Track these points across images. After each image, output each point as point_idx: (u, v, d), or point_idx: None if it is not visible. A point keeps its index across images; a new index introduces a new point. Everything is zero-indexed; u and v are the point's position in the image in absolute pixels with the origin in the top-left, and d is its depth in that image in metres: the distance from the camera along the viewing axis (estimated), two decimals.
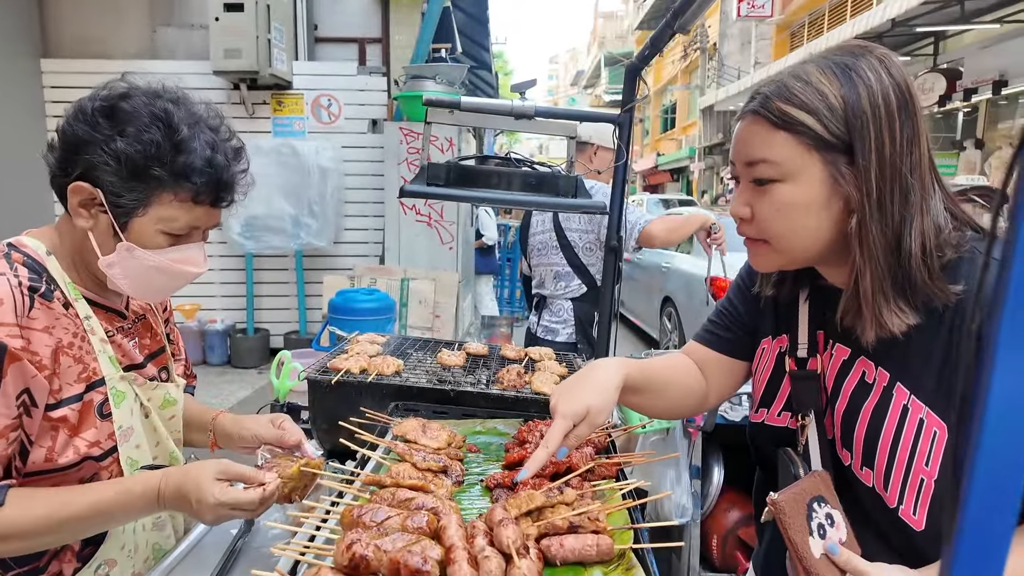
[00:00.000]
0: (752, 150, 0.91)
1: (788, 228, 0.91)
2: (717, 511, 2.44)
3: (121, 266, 1.10)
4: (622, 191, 1.73)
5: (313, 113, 5.81)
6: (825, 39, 13.15)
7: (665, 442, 2.39)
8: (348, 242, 5.95)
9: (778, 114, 0.87)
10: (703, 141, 23.50)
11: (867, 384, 0.94)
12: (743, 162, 0.93)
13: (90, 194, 1.06)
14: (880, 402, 0.92)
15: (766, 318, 1.14)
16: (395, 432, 1.29)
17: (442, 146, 5.10)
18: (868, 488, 0.93)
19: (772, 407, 1.08)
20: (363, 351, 1.67)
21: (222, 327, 5.84)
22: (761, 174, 0.90)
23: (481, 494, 1.17)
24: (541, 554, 0.92)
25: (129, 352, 1.22)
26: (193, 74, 5.57)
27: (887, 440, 0.90)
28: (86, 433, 1.09)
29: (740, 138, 0.94)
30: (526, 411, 1.51)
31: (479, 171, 1.57)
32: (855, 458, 0.94)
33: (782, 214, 0.90)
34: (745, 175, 0.94)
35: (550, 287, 3.00)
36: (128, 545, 1.22)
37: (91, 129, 1.04)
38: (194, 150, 1.07)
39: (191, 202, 1.10)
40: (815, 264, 0.99)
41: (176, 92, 1.13)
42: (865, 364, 0.95)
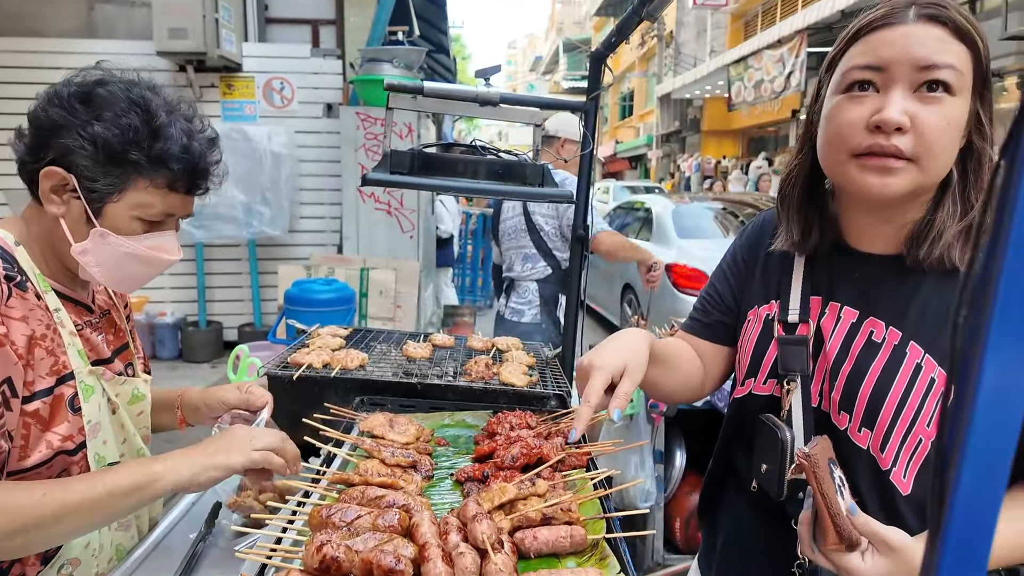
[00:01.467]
0: (935, 53, 0.83)
1: (943, 146, 0.85)
2: (680, 494, 2.52)
3: (95, 253, 1.09)
4: (588, 179, 1.73)
5: (265, 97, 5.61)
6: (778, 28, 13.46)
7: (629, 428, 2.44)
8: (304, 231, 5.79)
9: (958, 25, 0.84)
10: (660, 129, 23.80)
11: (875, 343, 0.95)
12: (916, 64, 0.84)
13: (63, 179, 1.05)
14: (890, 361, 0.92)
15: (754, 289, 1.13)
16: (361, 428, 1.27)
17: (402, 132, 5.00)
18: (862, 451, 0.94)
19: (758, 376, 1.08)
20: (325, 344, 1.63)
21: (172, 320, 5.62)
22: (943, 77, 0.83)
23: (451, 488, 1.15)
24: (515, 547, 0.91)
25: (97, 346, 1.20)
26: (135, 55, 5.28)
27: (894, 398, 0.91)
28: (59, 427, 1.07)
29: (910, 39, 0.85)
30: (495, 403, 1.49)
31: (444, 159, 1.54)
32: (854, 420, 0.95)
33: (948, 129, 0.85)
34: (909, 80, 0.85)
35: (518, 269, 3.08)
36: (93, 544, 1.17)
37: (67, 113, 1.04)
38: (171, 136, 1.08)
39: (167, 189, 1.11)
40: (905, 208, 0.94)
41: (151, 81, 1.14)
42: (874, 324, 0.96)
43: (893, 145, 0.85)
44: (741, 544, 1.15)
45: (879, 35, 0.87)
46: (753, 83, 14.39)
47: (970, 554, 0.32)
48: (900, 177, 0.87)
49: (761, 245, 1.16)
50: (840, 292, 1.01)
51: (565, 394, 1.54)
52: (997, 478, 0.31)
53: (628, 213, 7.82)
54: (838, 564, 0.81)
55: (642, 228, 7.00)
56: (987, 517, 0.32)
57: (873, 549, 0.81)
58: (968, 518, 0.32)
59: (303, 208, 5.74)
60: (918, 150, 0.85)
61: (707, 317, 1.22)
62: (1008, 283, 0.30)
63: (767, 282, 1.12)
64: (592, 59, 1.69)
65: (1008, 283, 0.30)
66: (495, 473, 1.14)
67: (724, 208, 6.73)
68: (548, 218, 2.98)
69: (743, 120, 19.55)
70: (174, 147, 1.08)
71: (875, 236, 0.99)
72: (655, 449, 2.42)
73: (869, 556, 0.80)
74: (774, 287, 1.10)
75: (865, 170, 0.89)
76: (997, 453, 0.31)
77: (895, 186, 0.87)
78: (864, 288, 0.99)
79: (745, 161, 17.79)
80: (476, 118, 2.09)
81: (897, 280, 0.96)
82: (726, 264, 1.22)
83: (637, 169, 28.71)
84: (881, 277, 0.97)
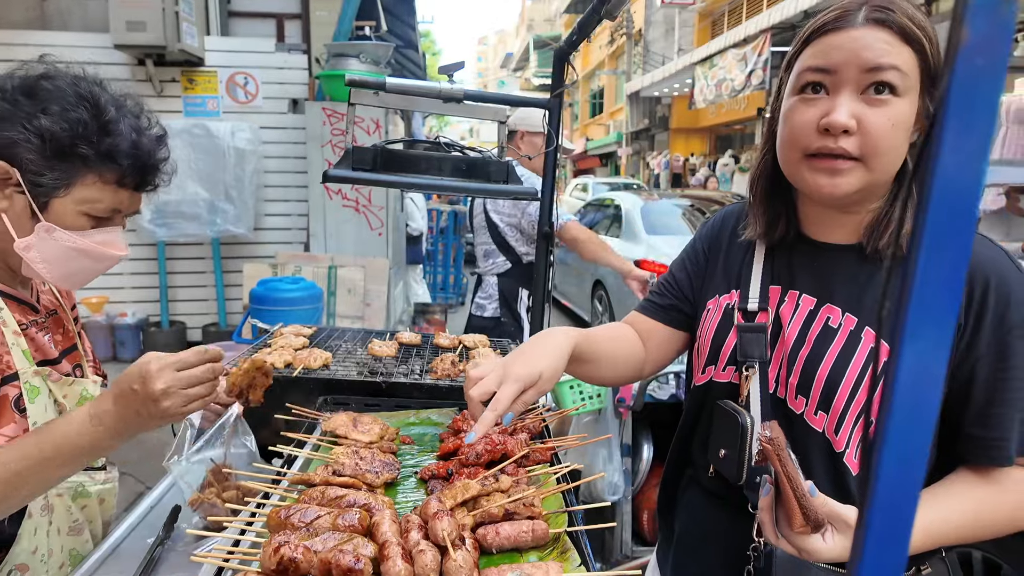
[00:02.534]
0: (879, 56, 0.86)
1: (891, 146, 0.88)
2: (647, 487, 2.55)
3: (39, 249, 1.06)
4: (552, 176, 1.73)
5: (228, 92, 5.49)
6: (744, 27, 13.69)
7: (597, 422, 2.46)
8: (269, 228, 5.69)
9: (904, 27, 0.86)
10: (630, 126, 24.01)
11: (832, 329, 0.97)
12: (862, 67, 0.87)
13: (5, 172, 1.02)
14: (846, 346, 0.95)
15: (715, 279, 1.16)
16: (324, 428, 1.25)
17: (368, 128, 4.95)
18: (818, 434, 0.96)
19: (718, 363, 1.10)
20: (288, 344, 1.60)
21: (133, 320, 5.47)
22: (887, 79, 0.86)
23: (416, 486, 1.15)
24: (477, 543, 0.91)
25: (43, 347, 1.17)
26: (91, 47, 5.12)
27: (848, 382, 0.94)
28: (5, 428, 1.04)
29: (857, 43, 0.87)
30: (461, 400, 1.49)
31: (408, 156, 1.53)
32: (811, 403, 0.97)
33: (894, 130, 0.87)
34: (855, 82, 0.88)
35: (481, 264, 3.12)
36: (41, 549, 1.14)
37: (10, 106, 1.01)
38: (121, 132, 1.07)
39: (115, 184, 1.09)
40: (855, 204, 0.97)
41: (97, 76, 1.12)
42: (831, 310, 0.98)
43: (840, 147, 0.88)
44: (697, 533, 1.17)
45: (829, 38, 0.90)
46: (716, 81, 14.61)
47: (893, 530, 0.34)
48: (848, 177, 0.90)
49: (722, 238, 1.19)
50: (799, 281, 1.04)
51: None
52: (915, 462, 0.33)
53: (598, 210, 7.88)
54: (801, 547, 0.82)
55: (612, 225, 7.07)
56: (907, 498, 0.33)
57: (832, 528, 0.83)
58: (889, 500, 0.33)
59: (268, 205, 5.64)
60: (865, 151, 0.88)
61: (662, 300, 1.25)
62: (924, 276, 0.31)
63: (728, 272, 1.15)
64: (556, 57, 1.70)
65: (924, 276, 0.31)
66: (459, 470, 1.14)
67: (692, 205, 6.83)
68: (505, 216, 2.98)
69: (710, 118, 19.85)
70: (123, 143, 1.07)
71: (835, 227, 1.02)
72: (622, 443, 2.46)
73: (829, 536, 0.82)
74: (735, 277, 1.13)
75: (816, 171, 0.92)
76: (915, 438, 0.32)
77: (844, 186, 0.90)
78: (823, 276, 1.02)
79: (712, 158, 18.08)
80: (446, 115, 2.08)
81: (855, 269, 0.99)
82: (686, 254, 1.25)
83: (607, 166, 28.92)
84: (840, 266, 1.01)
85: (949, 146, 0.30)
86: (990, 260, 0.91)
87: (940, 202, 0.30)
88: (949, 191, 0.30)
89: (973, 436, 0.91)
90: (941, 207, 0.30)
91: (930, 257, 0.31)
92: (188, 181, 5.10)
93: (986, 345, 0.88)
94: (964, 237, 0.31)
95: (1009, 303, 0.88)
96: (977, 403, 0.90)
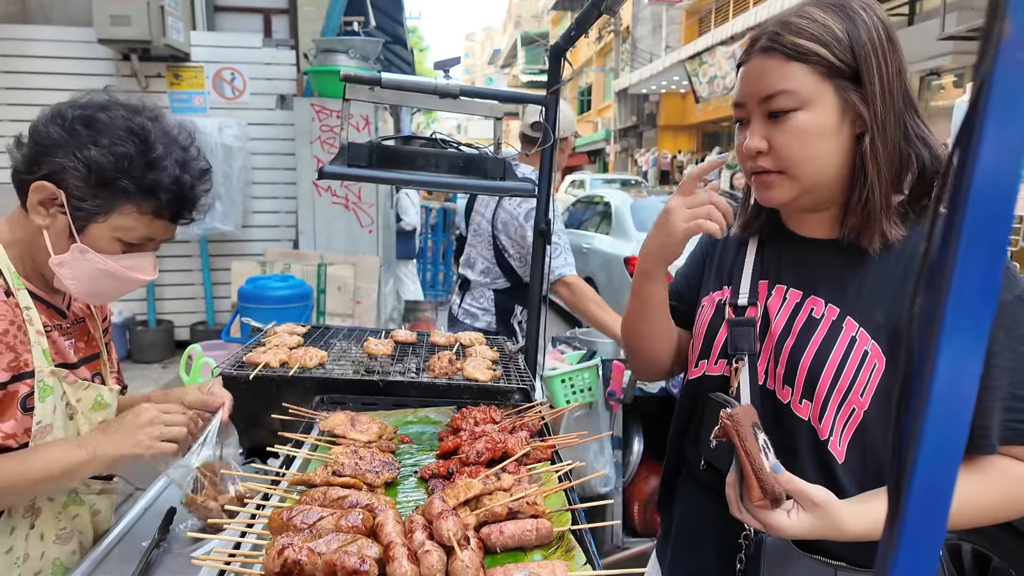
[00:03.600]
0: (769, 83, 0.95)
1: (806, 155, 0.96)
2: (638, 479, 2.57)
3: (71, 266, 1.13)
4: (550, 173, 1.73)
5: (215, 87, 5.41)
6: (731, 25, 13.76)
7: (588, 416, 2.46)
8: (258, 226, 5.62)
9: (792, 47, 0.93)
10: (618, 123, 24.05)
11: (815, 319, 1.01)
12: (758, 98, 0.97)
13: (52, 194, 1.09)
14: (828, 335, 0.99)
15: (710, 278, 1.20)
16: (322, 427, 1.24)
17: (358, 124, 4.91)
18: (803, 422, 1.00)
19: (711, 357, 1.14)
20: (282, 343, 1.59)
21: (120, 320, 5.39)
22: (780, 105, 0.95)
23: (416, 486, 1.14)
24: (481, 543, 0.91)
25: (63, 351, 1.21)
26: (74, 42, 5.03)
27: (831, 370, 0.97)
28: (4, 424, 1.07)
29: (752, 75, 0.98)
30: (459, 398, 1.48)
31: (404, 152, 1.51)
32: (796, 392, 1.00)
33: (802, 140, 0.95)
34: (760, 111, 0.98)
35: (476, 276, 2.96)
36: (17, 551, 1.12)
37: (67, 134, 1.08)
38: (165, 168, 1.12)
39: (151, 215, 1.15)
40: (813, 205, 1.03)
41: (155, 111, 1.19)
42: (815, 302, 1.02)
43: (760, 166, 1.00)
44: (693, 526, 1.19)
45: (741, 71, 1.01)
46: (707, 78, 14.68)
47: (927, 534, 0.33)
48: (779, 188, 1.00)
49: (718, 240, 1.21)
50: (786, 275, 1.08)
51: (529, 388, 1.55)
52: (952, 461, 0.32)
53: (588, 207, 7.89)
54: (764, 521, 0.86)
55: (601, 222, 7.08)
56: (942, 499, 0.33)
57: (798, 506, 0.87)
58: (925, 499, 0.33)
59: (257, 203, 5.58)
60: (781, 164, 0.98)
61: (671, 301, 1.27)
62: (962, 272, 0.31)
63: (720, 270, 1.19)
64: (552, 53, 1.69)
65: (962, 272, 0.31)
66: (460, 469, 1.13)
67: None
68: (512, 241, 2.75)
69: (698, 115, 19.94)
70: (166, 178, 1.12)
71: (813, 223, 1.07)
72: (613, 436, 2.44)
73: (795, 513, 0.86)
74: (726, 274, 1.17)
75: (757, 187, 1.04)
76: (952, 437, 0.32)
77: (777, 196, 1.01)
78: (807, 270, 1.06)
79: (700, 156, 18.16)
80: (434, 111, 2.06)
81: (837, 261, 1.03)
82: (690, 258, 1.29)
83: (596, 163, 28.96)
84: (823, 259, 1.05)
85: (989, 142, 0.29)
86: None
87: (979, 198, 0.30)
88: (988, 187, 0.30)
89: None
90: (980, 204, 0.30)
91: (968, 253, 0.30)
92: None
93: None
94: (1002, 233, 0.30)
95: None
96: None
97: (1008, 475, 0.91)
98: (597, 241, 7.01)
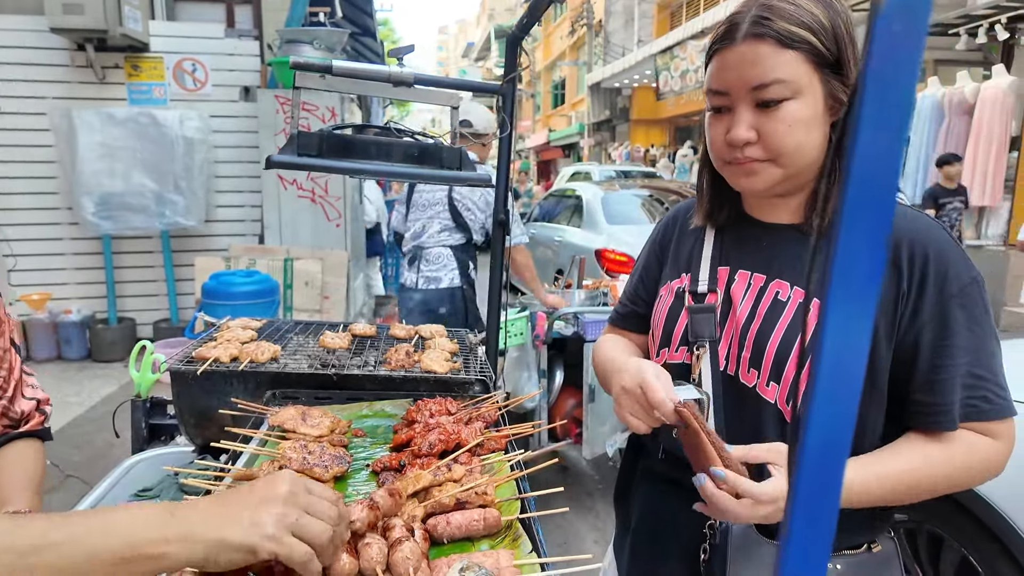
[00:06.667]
0: (762, 72, 0.91)
1: (797, 144, 0.93)
2: (560, 400, 3.47)
3: None
4: (507, 163, 1.72)
5: (175, 79, 5.28)
6: (701, 19, 13.87)
7: (522, 354, 3.35)
8: (221, 220, 5.51)
9: (785, 33, 0.90)
10: (592, 117, 24.11)
11: (781, 303, 1.01)
12: (749, 86, 0.92)
13: None
14: (795, 317, 0.99)
15: (667, 268, 1.20)
16: (272, 422, 1.21)
17: (324, 116, 4.83)
18: (771, 405, 1.00)
19: (671, 345, 1.13)
20: (234, 337, 1.55)
21: (79, 318, 5.24)
22: (774, 95, 0.91)
23: (367, 479, 1.13)
24: (427, 534, 0.90)
25: None
26: (25, 31, 4.86)
27: (797, 352, 0.97)
28: None
29: (741, 62, 0.93)
30: (415, 391, 1.47)
31: (356, 141, 1.48)
32: (763, 375, 1.00)
33: (794, 130, 0.93)
34: (748, 99, 0.94)
35: (433, 237, 3.24)
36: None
37: None
38: None
39: None
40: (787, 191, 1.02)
41: None
42: (780, 285, 1.02)
43: (746, 156, 0.96)
44: (653, 520, 1.19)
45: (721, 57, 0.96)
46: (680, 72, 14.78)
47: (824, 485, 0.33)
48: (763, 175, 0.97)
49: (673, 231, 1.23)
50: (749, 260, 1.08)
51: (487, 379, 1.54)
52: (842, 425, 0.32)
53: (560, 201, 7.90)
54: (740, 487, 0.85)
55: (573, 215, 7.09)
56: (834, 464, 0.33)
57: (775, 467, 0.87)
58: (817, 466, 0.33)
59: (220, 196, 5.46)
60: (770, 154, 0.95)
61: (623, 308, 1.30)
62: (843, 251, 0.31)
63: (678, 259, 1.18)
64: (508, 42, 1.67)
65: (843, 251, 0.31)
66: (412, 461, 1.12)
67: (651, 195, 6.91)
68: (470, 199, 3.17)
69: (670, 110, 20.09)
70: None
71: (778, 209, 1.07)
72: (539, 368, 3.28)
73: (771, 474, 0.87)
74: (684, 262, 1.16)
75: (735, 173, 1.00)
76: (842, 403, 0.32)
77: (761, 183, 0.98)
78: (770, 255, 1.05)
79: (672, 149, 18.31)
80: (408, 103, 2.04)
81: (800, 245, 1.03)
82: (641, 260, 1.29)
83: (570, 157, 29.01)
84: (785, 244, 1.04)
85: (869, 117, 0.29)
86: (929, 233, 0.94)
87: (861, 171, 0.30)
88: (870, 160, 0.30)
89: (919, 402, 0.94)
90: (862, 176, 0.30)
91: (852, 224, 0.30)
92: (134, 172, 4.90)
93: (928, 314, 0.92)
94: (885, 206, 0.30)
95: (947, 273, 0.92)
96: (922, 370, 0.93)
97: (969, 446, 0.93)
98: (568, 234, 7.02)
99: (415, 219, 3.28)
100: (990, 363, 0.92)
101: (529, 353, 3.32)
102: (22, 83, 5.00)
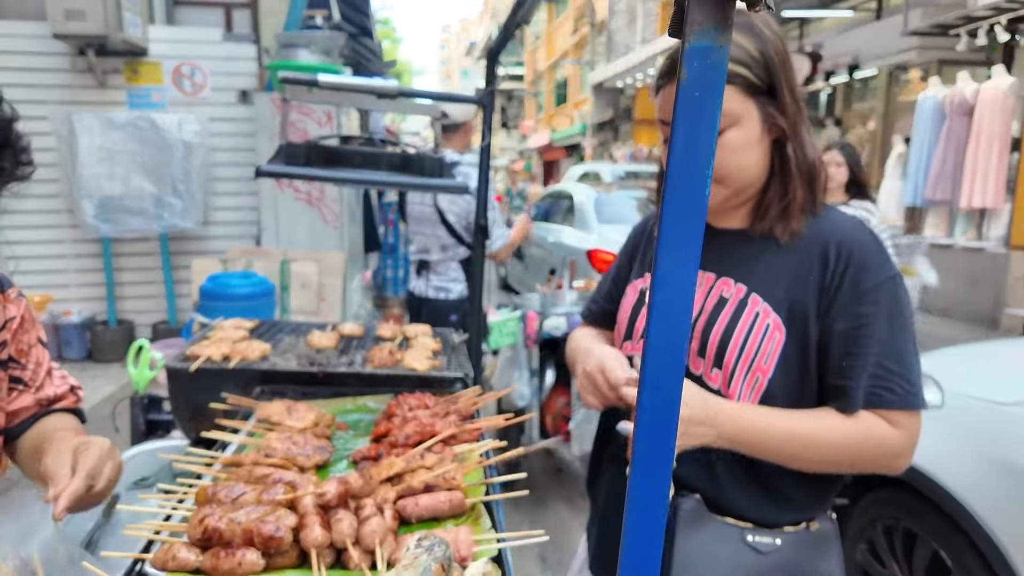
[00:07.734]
0: None
1: (739, 166, 1.06)
2: (551, 399, 3.61)
3: None
4: (486, 171, 1.80)
5: (174, 83, 5.37)
6: None
7: (514, 353, 3.49)
8: (219, 223, 5.60)
9: None
10: (595, 117, 24.09)
11: (724, 298, 1.12)
12: None
13: None
14: (736, 310, 1.10)
15: (635, 268, 1.32)
16: (259, 415, 1.30)
17: (320, 120, 4.92)
18: (715, 391, 1.10)
19: (633, 338, 1.25)
20: (227, 337, 1.64)
21: (79, 319, 5.33)
22: None
23: (347, 468, 1.21)
24: (397, 514, 0.99)
25: None
26: (28, 36, 4.96)
27: (738, 340, 1.08)
28: None
29: None
30: (397, 387, 1.55)
31: (341, 151, 1.58)
32: (707, 363, 1.11)
33: (736, 155, 1.05)
34: None
35: (436, 255, 3.31)
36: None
37: None
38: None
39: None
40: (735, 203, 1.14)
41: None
42: (725, 283, 1.13)
43: None
44: (615, 502, 1.28)
45: (665, 92, 1.07)
46: None
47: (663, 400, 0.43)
48: (713, 194, 1.07)
49: (642, 237, 1.35)
50: (702, 261, 1.18)
51: (466, 376, 1.62)
52: (673, 366, 0.42)
53: (555, 202, 7.99)
54: None
55: (566, 215, 7.19)
56: (669, 403, 0.43)
57: None
58: (654, 401, 0.42)
59: (218, 199, 5.55)
60: (715, 176, 1.05)
61: (595, 306, 1.42)
62: (667, 221, 0.40)
63: (643, 261, 1.31)
64: (488, 56, 1.76)
65: (667, 221, 0.40)
66: (388, 451, 1.20)
67: (646, 196, 7.01)
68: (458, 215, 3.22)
69: None
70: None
71: (728, 217, 1.18)
72: (531, 367, 3.44)
73: None
74: (648, 263, 1.28)
75: None
76: (671, 353, 0.42)
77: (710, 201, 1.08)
78: (720, 256, 1.17)
79: None
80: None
81: (746, 247, 1.15)
82: (617, 261, 1.40)
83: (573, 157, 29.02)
84: (734, 246, 1.16)
85: (678, 154, 0.38)
86: (854, 235, 1.07)
87: (675, 184, 0.39)
88: (683, 178, 0.39)
89: (831, 386, 1.06)
90: (677, 186, 0.40)
91: (671, 215, 0.40)
92: (133, 175, 4.99)
93: (844, 306, 1.04)
94: (696, 209, 0.40)
95: (863, 269, 1.04)
96: (835, 356, 1.04)
97: (867, 429, 1.03)
98: (563, 235, 7.12)
99: (415, 232, 3.37)
100: (902, 356, 1.02)
101: (521, 353, 3.47)
102: (24, 88, 5.09)
